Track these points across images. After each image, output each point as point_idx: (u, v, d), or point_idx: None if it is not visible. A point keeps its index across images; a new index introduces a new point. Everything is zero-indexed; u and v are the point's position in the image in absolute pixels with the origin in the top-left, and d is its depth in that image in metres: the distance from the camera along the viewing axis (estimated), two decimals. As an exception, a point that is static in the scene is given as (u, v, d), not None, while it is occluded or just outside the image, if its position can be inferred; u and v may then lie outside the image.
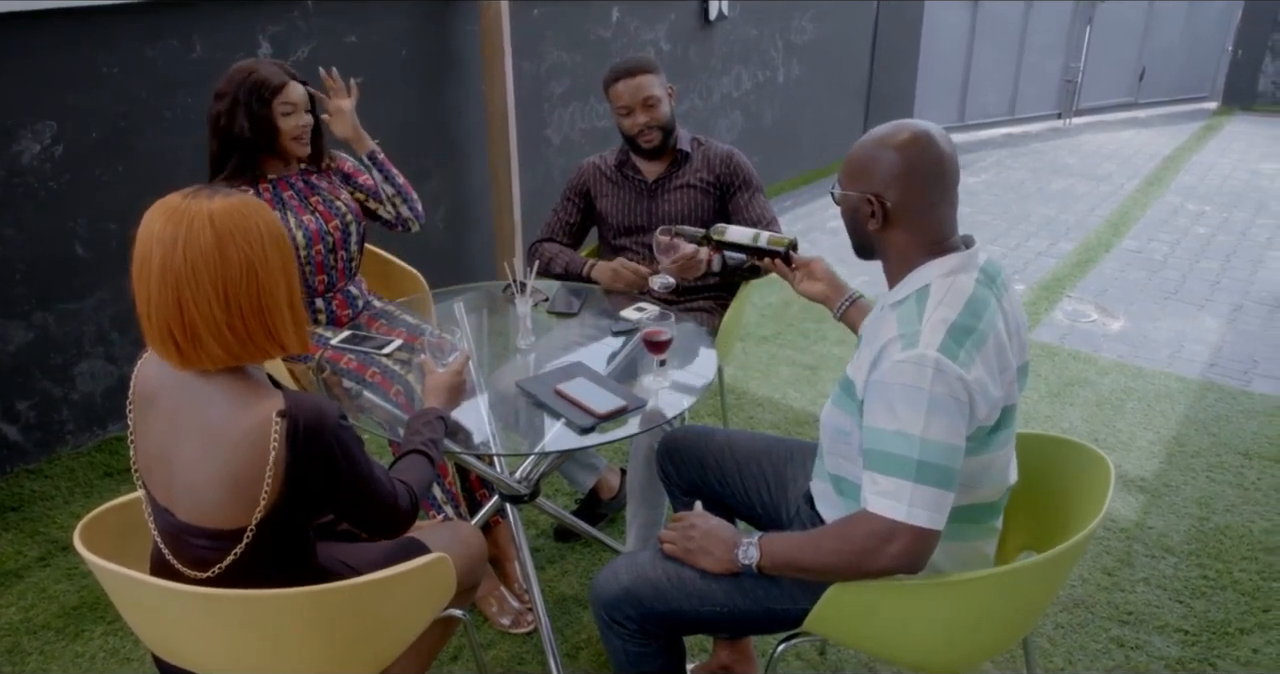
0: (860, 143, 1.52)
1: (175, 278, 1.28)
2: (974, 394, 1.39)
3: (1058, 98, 7.81)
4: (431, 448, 1.66)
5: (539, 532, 2.67)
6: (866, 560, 1.41)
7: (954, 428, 1.38)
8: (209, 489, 1.33)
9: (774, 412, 3.34)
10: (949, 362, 1.37)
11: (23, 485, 2.87)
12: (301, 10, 3.23)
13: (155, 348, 1.33)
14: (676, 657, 1.71)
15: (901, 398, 1.38)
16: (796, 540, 1.51)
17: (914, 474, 1.37)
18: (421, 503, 1.57)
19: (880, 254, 1.56)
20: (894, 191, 1.47)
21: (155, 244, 1.28)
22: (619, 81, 2.49)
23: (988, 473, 1.50)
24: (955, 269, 1.47)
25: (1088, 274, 4.66)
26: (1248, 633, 2.29)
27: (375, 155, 2.45)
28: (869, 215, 1.49)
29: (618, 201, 2.63)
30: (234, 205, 1.31)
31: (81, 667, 2.20)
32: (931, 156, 1.46)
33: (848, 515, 1.48)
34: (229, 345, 1.31)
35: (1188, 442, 3.13)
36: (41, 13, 2.65)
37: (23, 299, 2.83)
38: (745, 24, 5.31)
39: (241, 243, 1.29)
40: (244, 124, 2.18)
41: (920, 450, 1.36)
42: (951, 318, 1.41)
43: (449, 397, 1.81)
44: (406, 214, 2.50)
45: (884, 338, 1.44)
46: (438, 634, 1.78)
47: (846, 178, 1.53)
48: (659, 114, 2.49)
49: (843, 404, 1.54)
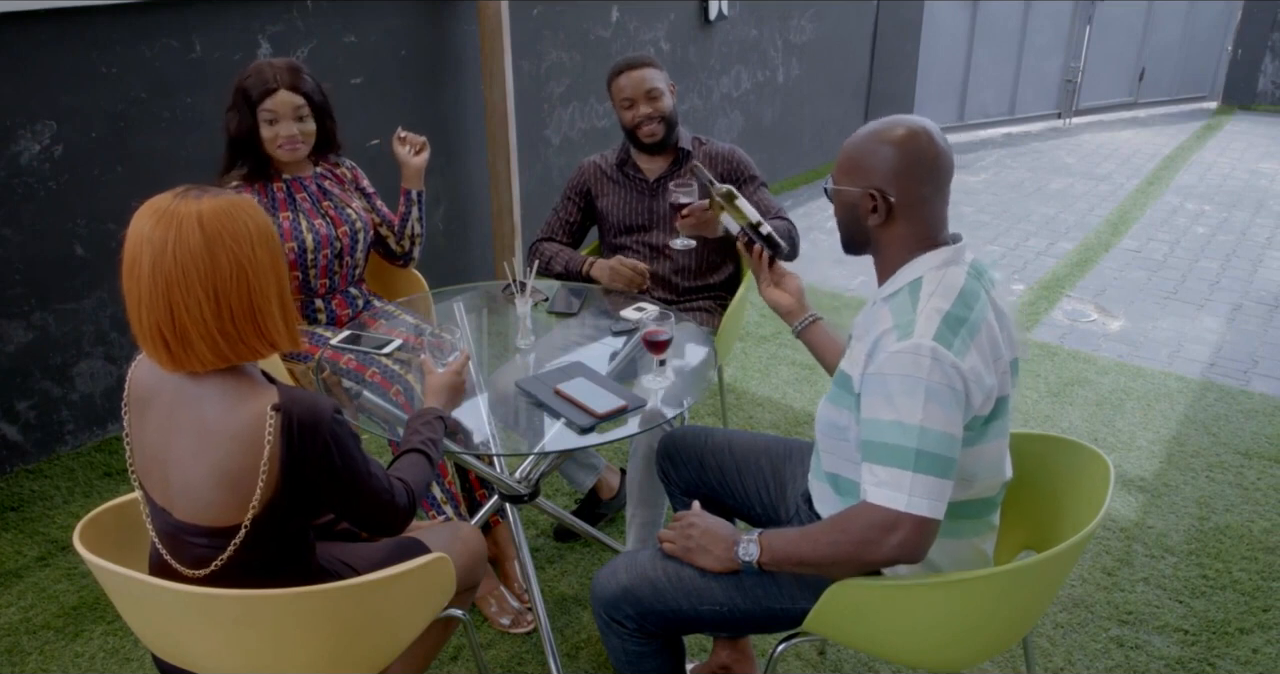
0: (855, 138, 1.52)
1: (165, 280, 1.27)
2: (969, 382, 1.40)
3: (1057, 97, 7.81)
4: (430, 447, 1.66)
5: (539, 532, 2.67)
6: (867, 551, 1.41)
7: (951, 417, 1.38)
8: (205, 486, 1.33)
9: (774, 412, 3.34)
10: (944, 350, 1.38)
11: (22, 485, 2.87)
12: (300, 10, 3.23)
13: (145, 348, 1.33)
14: (676, 656, 1.71)
15: (899, 388, 1.38)
16: (796, 535, 1.51)
17: (913, 463, 1.37)
18: (420, 502, 1.57)
19: (873, 249, 1.56)
20: (895, 186, 1.47)
21: (145, 246, 1.28)
22: (621, 75, 2.50)
23: (983, 465, 1.51)
24: (947, 261, 1.49)
25: (1087, 274, 4.66)
26: (1247, 633, 2.29)
27: (421, 195, 2.49)
28: (869, 210, 1.50)
29: (618, 200, 2.63)
30: (222, 206, 1.30)
31: (81, 667, 2.20)
32: (931, 151, 1.47)
33: (847, 508, 1.48)
34: (219, 347, 1.31)
35: (1187, 441, 3.13)
36: (40, 13, 2.65)
37: (22, 299, 2.83)
38: (745, 24, 5.31)
39: (231, 244, 1.29)
40: (235, 125, 2.20)
41: (919, 439, 1.36)
42: (945, 308, 1.42)
43: (449, 396, 1.80)
44: (415, 255, 2.56)
45: (878, 330, 1.45)
46: (437, 634, 1.78)
47: (843, 173, 1.53)
48: (661, 105, 2.50)
49: (839, 400, 1.54)
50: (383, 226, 2.49)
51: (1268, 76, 8.25)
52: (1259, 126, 7.79)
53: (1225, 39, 8.33)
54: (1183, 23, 8.04)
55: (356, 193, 2.46)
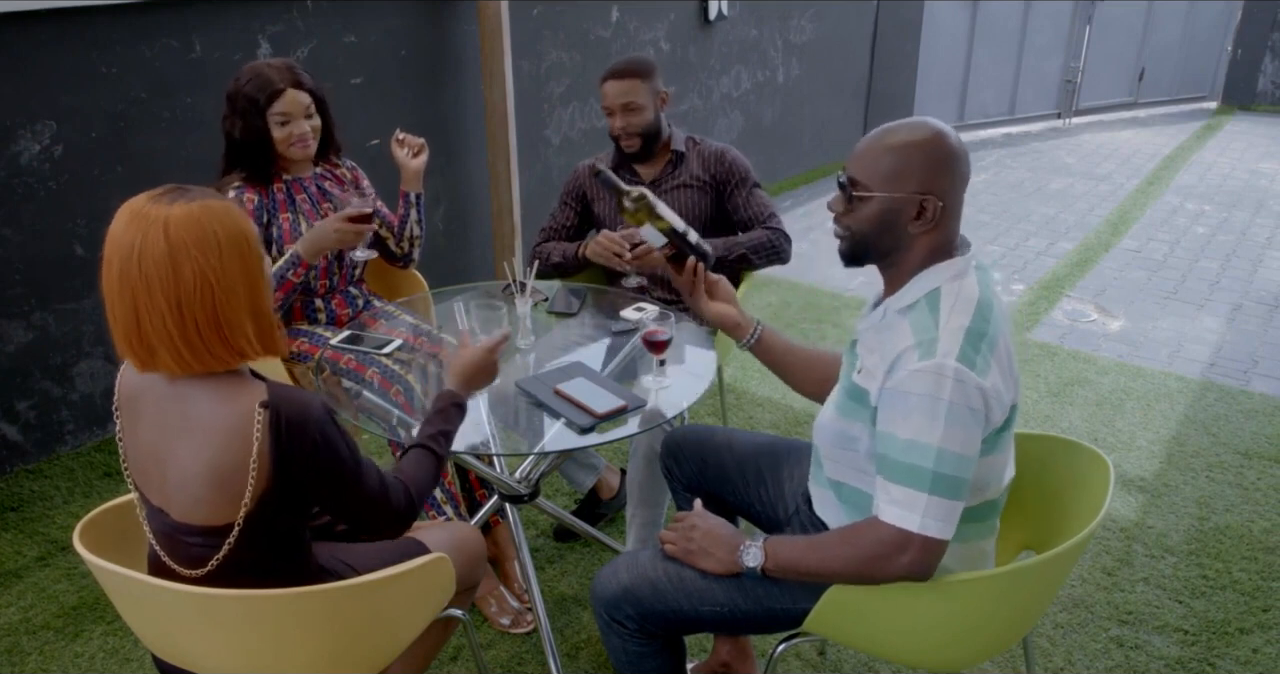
0: (884, 142, 1.45)
1: (131, 288, 1.26)
2: (990, 400, 1.38)
3: (1057, 97, 7.81)
4: (438, 443, 1.62)
5: (539, 532, 2.67)
6: (876, 568, 1.41)
7: (969, 439, 1.37)
8: (198, 484, 1.32)
9: (774, 412, 3.34)
10: (968, 371, 1.36)
11: (22, 485, 2.87)
12: (300, 10, 3.23)
13: (119, 350, 1.32)
14: (676, 656, 1.71)
15: (919, 407, 1.37)
16: (802, 546, 1.50)
17: (929, 485, 1.36)
18: (424, 502, 1.55)
19: (894, 257, 1.50)
20: (942, 189, 1.43)
21: (116, 249, 1.26)
22: (607, 81, 2.48)
23: (994, 472, 1.50)
24: (960, 273, 1.47)
25: (1087, 274, 4.66)
26: (1247, 633, 2.29)
27: (420, 197, 2.47)
28: (913, 217, 1.44)
29: (614, 203, 2.62)
30: (193, 213, 1.26)
31: (81, 667, 2.20)
32: (961, 151, 1.45)
33: (857, 522, 1.47)
34: (182, 357, 1.28)
35: (1187, 441, 3.13)
36: (40, 13, 2.65)
37: (22, 299, 2.83)
38: (745, 24, 5.31)
39: (196, 255, 1.25)
40: (241, 130, 2.19)
41: (936, 461, 1.36)
42: (966, 323, 1.40)
43: (475, 375, 1.72)
44: (415, 257, 2.55)
45: (899, 346, 1.42)
46: (437, 634, 1.78)
47: (881, 179, 1.44)
48: (637, 120, 2.47)
49: (851, 412, 1.52)
50: (382, 228, 2.49)
51: (1268, 76, 8.25)
52: (1259, 126, 7.79)
53: (1225, 39, 8.33)
54: (1183, 23, 8.04)
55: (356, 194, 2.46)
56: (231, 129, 2.21)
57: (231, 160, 2.26)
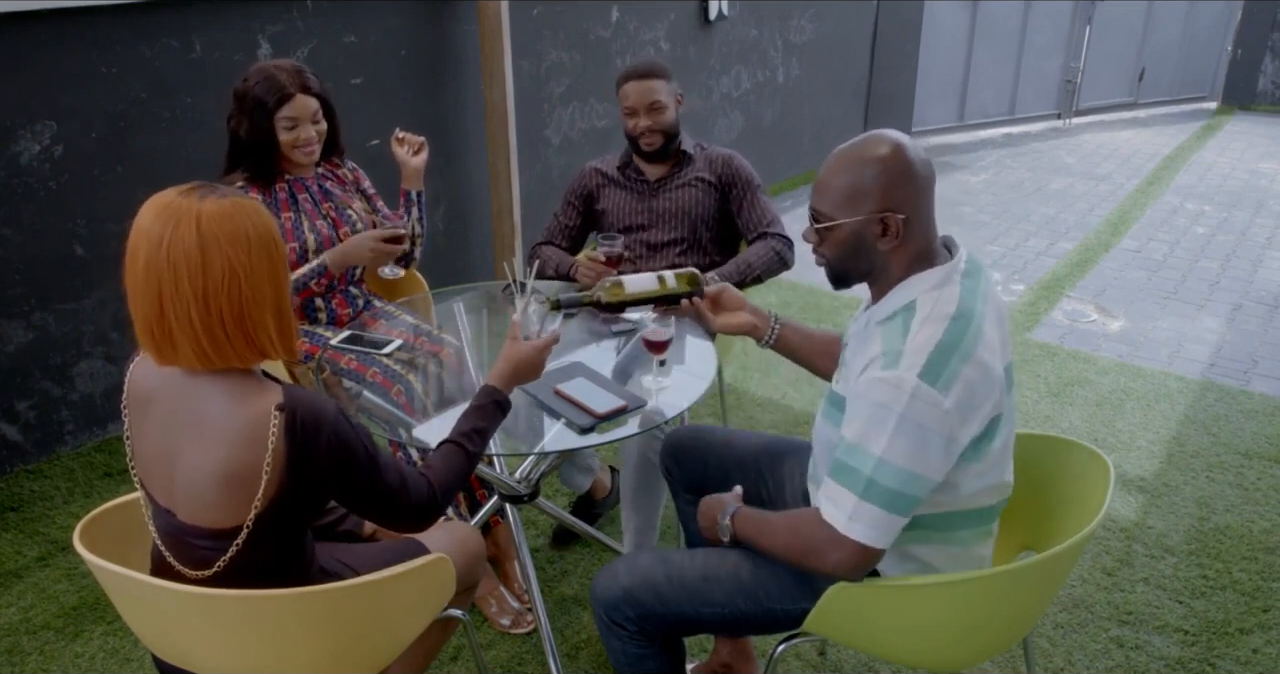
0: (836, 168, 1.46)
1: (157, 276, 1.26)
2: (950, 422, 1.37)
3: (1057, 98, 7.81)
4: (472, 440, 1.59)
5: (539, 532, 2.67)
6: (811, 558, 1.45)
7: (919, 457, 1.37)
8: (208, 486, 1.32)
9: (774, 412, 3.34)
10: (929, 388, 1.35)
11: (22, 485, 2.87)
12: (300, 10, 3.23)
13: (140, 342, 1.32)
14: (676, 657, 1.71)
15: (869, 415, 1.38)
16: (759, 524, 1.55)
17: (861, 490, 1.38)
18: (453, 496, 1.53)
19: (874, 274, 1.51)
20: (901, 204, 1.43)
21: (143, 240, 1.27)
22: (629, 82, 2.52)
23: (983, 480, 1.49)
24: (940, 282, 1.46)
25: (1087, 274, 4.66)
26: (1247, 633, 2.29)
27: (421, 195, 2.47)
28: (879, 235, 1.45)
29: (619, 201, 2.64)
30: (225, 208, 1.28)
31: (81, 667, 2.20)
32: (919, 160, 1.45)
33: (805, 509, 1.52)
34: (202, 349, 1.29)
35: (1187, 442, 3.13)
36: (40, 13, 2.65)
37: (22, 299, 2.83)
38: (745, 24, 5.31)
39: (227, 248, 1.26)
40: (248, 131, 2.19)
41: (874, 469, 1.37)
42: (938, 337, 1.39)
43: (524, 372, 1.70)
44: (416, 256, 2.54)
45: (869, 355, 1.44)
46: (437, 634, 1.78)
47: (837, 206, 1.46)
48: (662, 119, 2.52)
49: (832, 418, 1.54)
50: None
51: (1268, 76, 8.25)
52: (1259, 126, 7.79)
53: (1225, 39, 8.33)
54: (1183, 23, 8.04)
55: (357, 194, 2.46)
56: (237, 128, 2.20)
57: (235, 159, 2.26)
